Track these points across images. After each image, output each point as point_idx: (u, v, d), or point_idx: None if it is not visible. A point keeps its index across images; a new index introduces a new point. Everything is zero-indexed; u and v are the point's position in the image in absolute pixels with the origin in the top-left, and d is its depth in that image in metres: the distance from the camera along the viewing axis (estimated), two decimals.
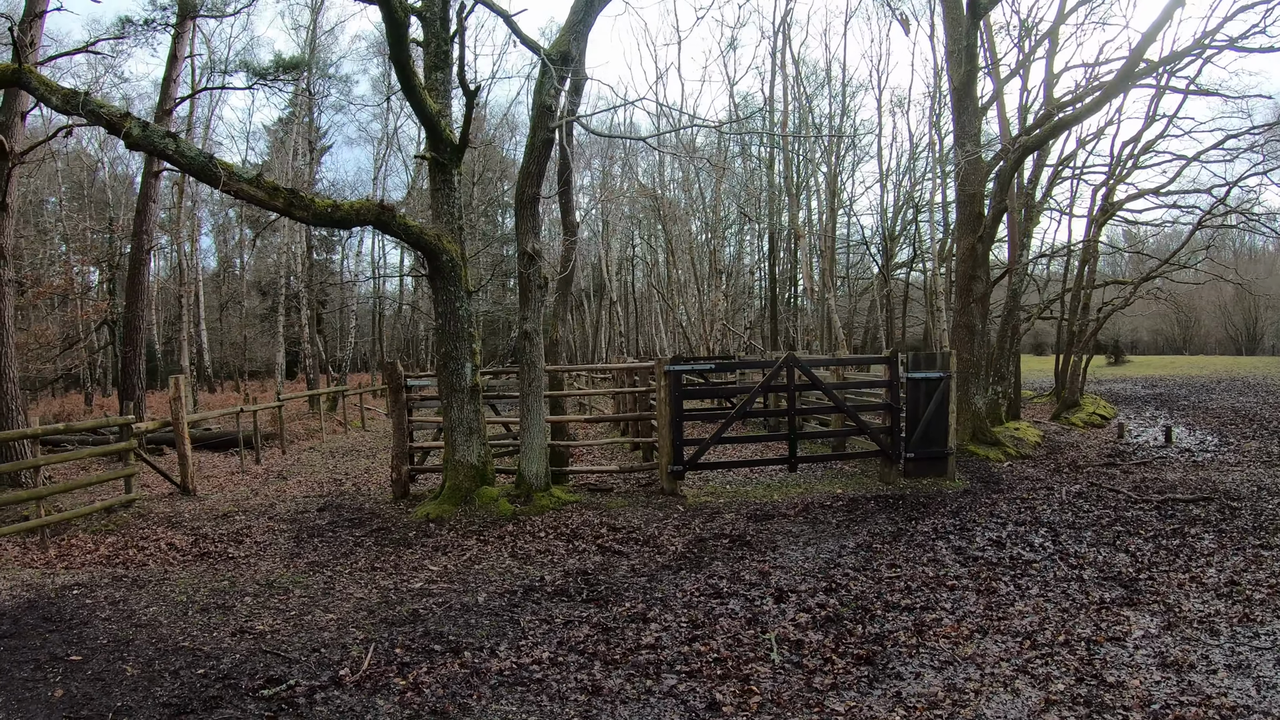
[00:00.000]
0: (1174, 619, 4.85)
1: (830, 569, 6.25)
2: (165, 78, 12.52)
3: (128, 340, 12.53)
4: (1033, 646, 4.48)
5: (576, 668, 4.35)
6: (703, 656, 4.37)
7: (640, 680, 4.12)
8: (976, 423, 12.98)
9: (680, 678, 4.11)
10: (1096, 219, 16.54)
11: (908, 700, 3.79)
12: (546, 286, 8.55)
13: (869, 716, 3.65)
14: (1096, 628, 4.74)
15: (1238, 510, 8.10)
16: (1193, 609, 5.02)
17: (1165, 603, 5.15)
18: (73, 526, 8.58)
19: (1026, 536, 7.28)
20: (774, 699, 3.80)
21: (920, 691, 3.89)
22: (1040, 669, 4.16)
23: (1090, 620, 4.88)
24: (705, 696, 3.84)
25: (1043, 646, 4.47)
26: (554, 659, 4.48)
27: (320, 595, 6.12)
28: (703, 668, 4.21)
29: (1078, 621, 4.87)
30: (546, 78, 7.38)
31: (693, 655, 4.40)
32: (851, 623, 4.88)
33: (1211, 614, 4.91)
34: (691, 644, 4.59)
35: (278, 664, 4.66)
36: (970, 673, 4.13)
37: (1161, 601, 5.18)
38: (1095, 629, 4.72)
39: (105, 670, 4.66)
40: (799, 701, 3.76)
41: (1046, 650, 4.41)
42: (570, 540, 7.65)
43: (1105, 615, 4.97)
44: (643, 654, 4.47)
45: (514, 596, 5.81)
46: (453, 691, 4.12)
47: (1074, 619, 4.93)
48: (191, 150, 6.53)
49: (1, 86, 6.03)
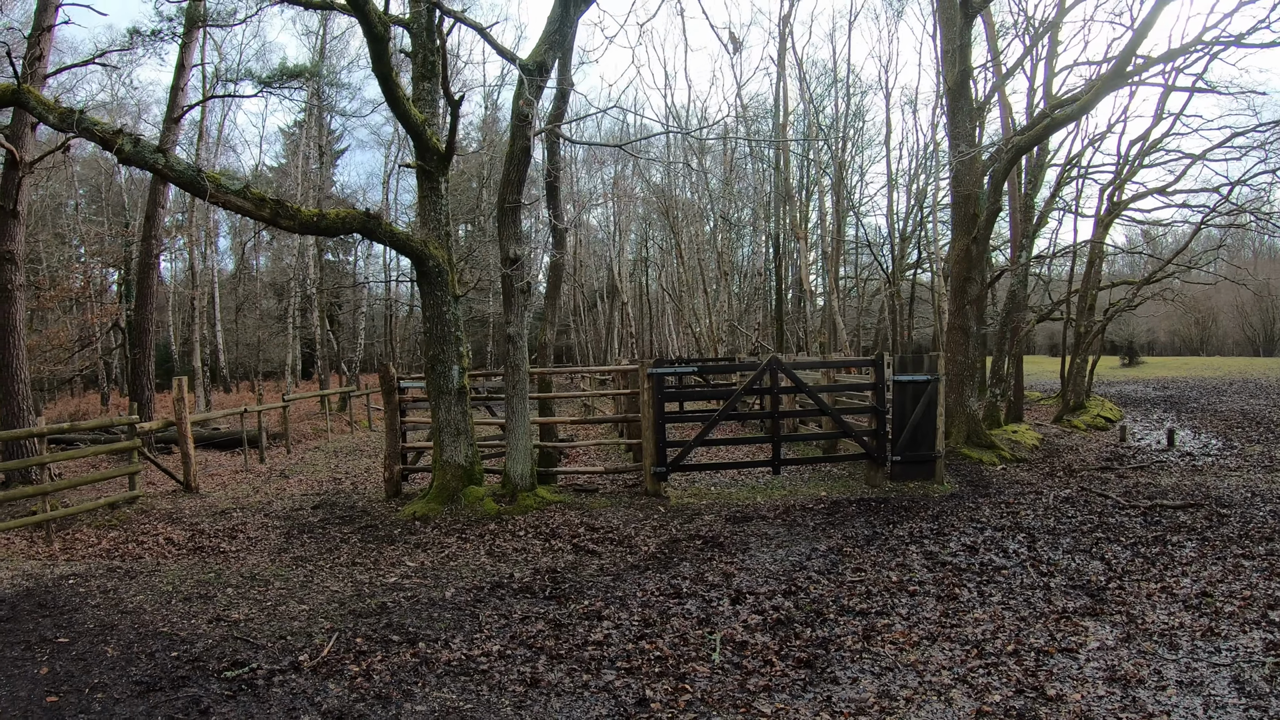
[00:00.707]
0: (1134, 631, 4.79)
1: (794, 572, 6.34)
2: (173, 86, 12.88)
3: (137, 342, 12.94)
4: (979, 655, 4.47)
5: (522, 660, 4.52)
6: (646, 654, 4.50)
7: (580, 675, 4.27)
8: (971, 426, 12.94)
9: (619, 674, 4.25)
10: (1103, 219, 16.35)
11: (836, 705, 3.87)
12: (529, 291, 8.72)
13: (795, 713, 3.76)
14: (1051, 638, 4.71)
15: (1226, 517, 8.02)
16: (1156, 621, 4.96)
17: (1129, 613, 5.09)
18: (78, 521, 8.91)
19: (1002, 542, 7.27)
20: (704, 698, 3.92)
21: (852, 697, 3.96)
22: (981, 679, 4.15)
23: (1046, 630, 4.85)
24: (638, 693, 3.97)
25: (990, 656, 4.46)
26: (503, 652, 4.65)
27: (298, 588, 6.35)
28: (643, 665, 4.35)
29: (1033, 631, 4.85)
30: (523, 87, 7.54)
31: (636, 653, 4.54)
32: (801, 626, 4.97)
33: (1175, 626, 4.85)
34: (638, 642, 4.72)
35: (245, 649, 4.92)
36: (908, 680, 4.16)
37: (1125, 612, 5.12)
38: (1049, 639, 4.70)
39: (88, 651, 4.97)
40: (728, 702, 3.87)
41: (993, 660, 4.40)
42: (548, 539, 7.81)
43: (1063, 625, 4.94)
44: (589, 650, 4.62)
45: (480, 592, 5.99)
46: (400, 678, 4.33)
47: (1030, 628, 4.90)
48: (180, 164, 6.80)
49: (1, 106, 6.29)
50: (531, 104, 7.37)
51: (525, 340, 9.09)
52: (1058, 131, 12.61)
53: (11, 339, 9.42)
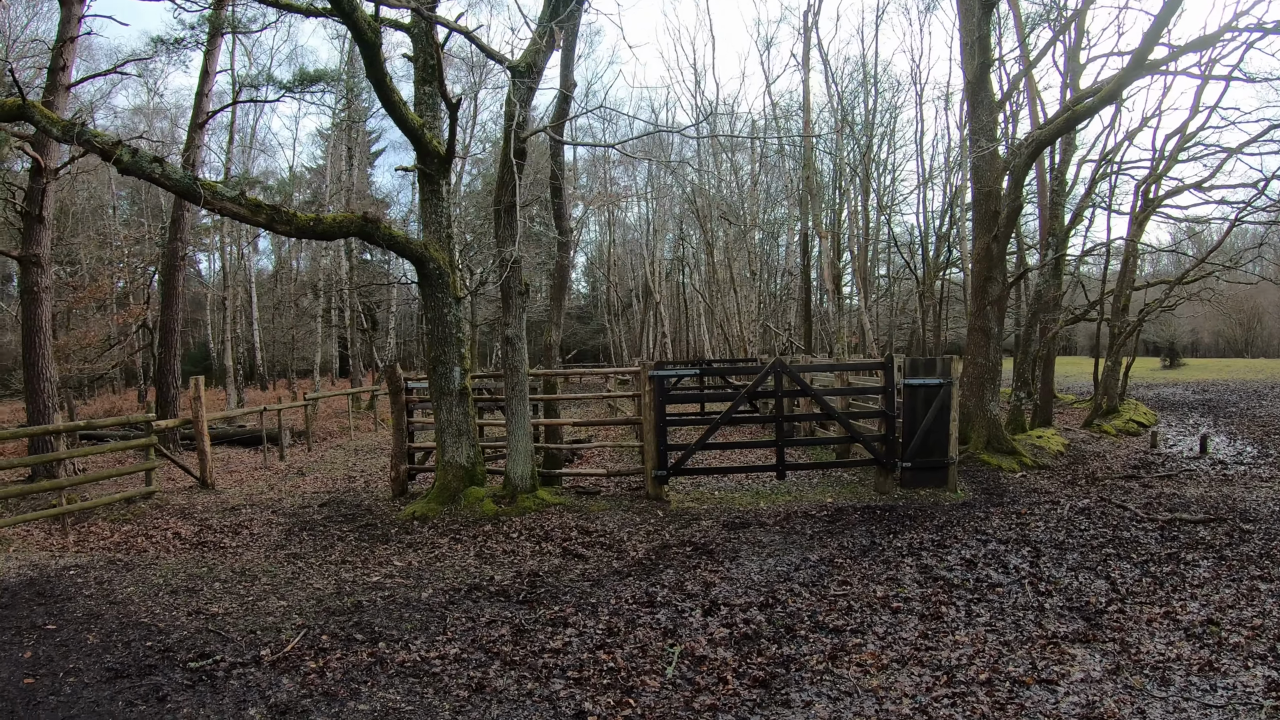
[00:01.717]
0: (1125, 662, 4.45)
1: (778, 583, 6.19)
2: (198, 92, 13.29)
3: (163, 342, 13.39)
4: (948, 683, 4.21)
5: (475, 665, 4.52)
6: (600, 665, 4.44)
7: (528, 682, 4.24)
8: (992, 430, 12.52)
9: (567, 684, 4.20)
10: (1138, 216, 15.67)
11: None
12: (527, 293, 8.72)
13: None
14: (1032, 666, 4.42)
15: (1249, 534, 7.51)
16: (1152, 651, 4.59)
17: (1124, 641, 4.74)
18: (95, 515, 9.23)
19: (1004, 557, 6.95)
20: (645, 714, 3.83)
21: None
22: (944, 710, 3.89)
23: (1029, 657, 4.54)
24: (578, 705, 3.91)
25: (960, 684, 4.20)
26: (459, 655, 4.67)
27: (283, 584, 6.48)
28: (594, 676, 4.28)
29: (1014, 658, 4.54)
30: (514, 90, 7.53)
31: (590, 663, 4.47)
32: (768, 641, 4.83)
33: (1171, 658, 4.48)
34: (596, 651, 4.66)
35: (215, 642, 5.07)
36: (864, 707, 3.95)
37: (1120, 640, 4.77)
38: (1029, 668, 4.40)
39: (71, 638, 5.21)
40: (669, 719, 3.78)
41: (962, 689, 4.13)
42: (540, 542, 7.80)
43: (1049, 652, 4.61)
44: (544, 657, 4.58)
45: (455, 594, 6.00)
46: (352, 677, 4.40)
47: (1012, 654, 4.59)
48: (176, 173, 6.98)
49: (8, 120, 6.55)
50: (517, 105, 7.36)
51: (524, 342, 9.10)
52: (1080, 124, 12.09)
53: (38, 339, 9.84)
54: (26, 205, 9.85)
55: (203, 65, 13.26)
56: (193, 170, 13.65)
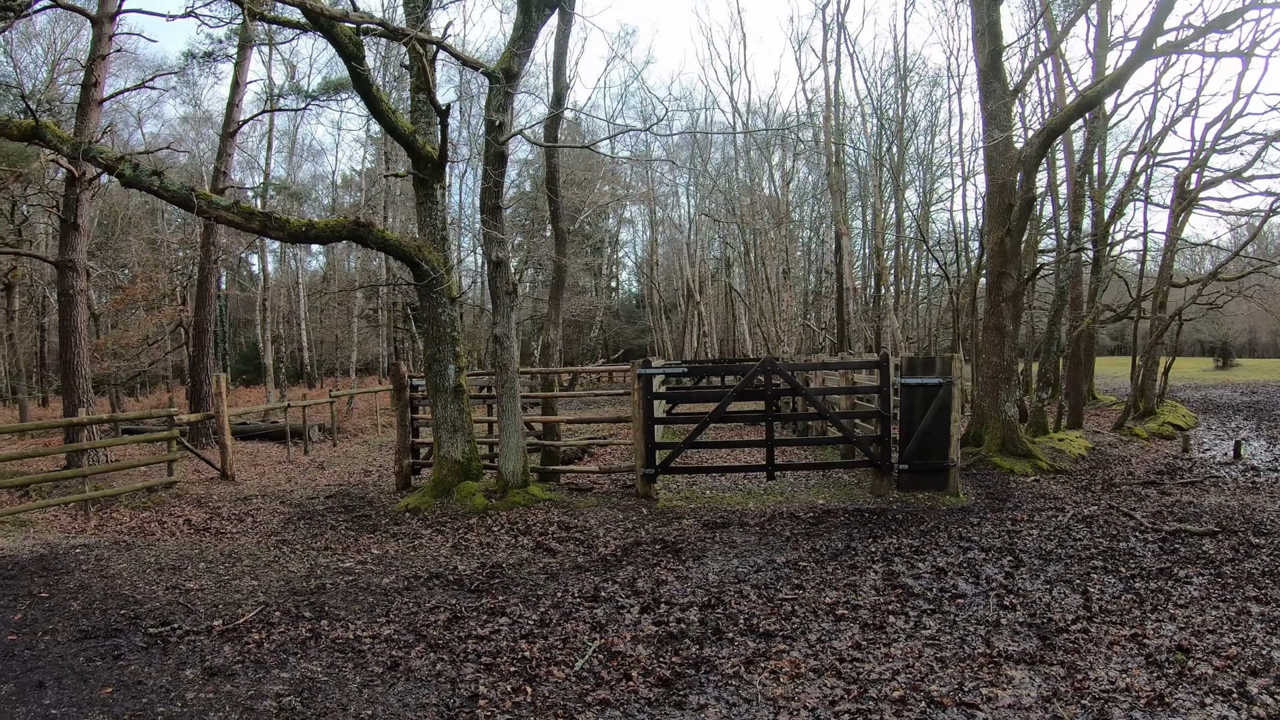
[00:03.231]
0: (1066, 689, 4.09)
1: (731, 584, 6.14)
2: (229, 103, 14.02)
3: (196, 342, 14.19)
4: (857, 698, 4.04)
5: (401, 645, 4.74)
6: (517, 653, 4.56)
7: (442, 664, 4.42)
8: (1007, 432, 12.12)
9: (477, 668, 4.36)
10: (1176, 209, 14.88)
11: None
12: (515, 293, 8.91)
13: None
14: (959, 687, 4.15)
15: (1257, 549, 6.95)
16: (1101, 678, 4.22)
17: (1073, 666, 4.39)
18: (118, 502, 9.88)
19: (980, 566, 6.61)
20: (535, 703, 3.92)
21: None
22: None
23: (960, 676, 4.29)
24: (475, 689, 4.05)
25: (869, 700, 4.02)
26: (390, 636, 4.91)
27: (261, 567, 6.86)
28: (505, 663, 4.41)
29: (943, 676, 4.30)
30: (493, 95, 7.72)
31: (508, 650, 4.61)
32: (692, 642, 4.82)
33: (1119, 689, 4.08)
34: (519, 640, 4.78)
35: (180, 613, 5.53)
36: (757, 715, 3.85)
37: (1071, 664, 4.42)
38: (956, 688, 4.13)
39: (58, 605, 5.77)
40: (556, 711, 3.86)
41: (870, 704, 3.96)
42: (517, 535, 7.98)
43: (985, 672, 4.34)
44: (469, 643, 4.76)
45: (414, 581, 6.24)
46: (285, 649, 4.73)
47: (943, 672, 4.35)
48: (173, 185, 7.43)
49: (23, 140, 7.09)
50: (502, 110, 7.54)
51: (513, 340, 9.30)
52: (1090, 110, 11.52)
53: (74, 339, 10.59)
54: (63, 213, 10.62)
55: (233, 77, 13.98)
56: (225, 176, 14.39)
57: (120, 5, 9.80)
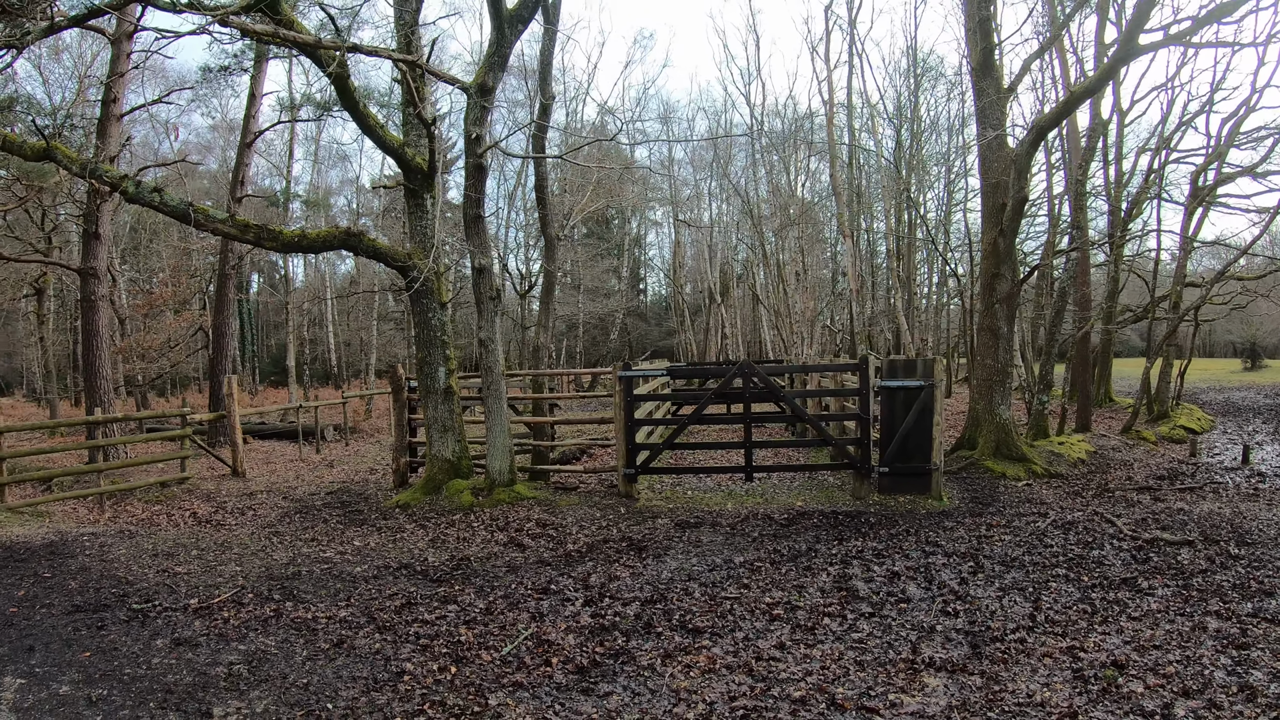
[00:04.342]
0: (980, 700, 4.05)
1: (681, 581, 6.32)
2: (245, 114, 14.69)
3: (215, 345, 14.89)
4: (759, 695, 4.14)
5: (352, 626, 5.13)
6: (453, 637, 4.89)
7: (383, 644, 4.80)
8: (1001, 435, 12.03)
9: (413, 649, 4.72)
10: (1190, 206, 14.55)
11: (558, 714, 3.95)
12: (499, 298, 9.23)
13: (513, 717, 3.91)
14: (867, 691, 4.18)
15: (1235, 560, 6.69)
16: (1018, 690, 4.16)
17: (995, 676, 4.34)
18: (133, 496, 10.49)
19: (937, 571, 6.55)
20: (456, 680, 4.23)
21: (583, 710, 3.99)
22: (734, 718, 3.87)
23: (872, 681, 4.31)
24: (404, 666, 4.42)
25: (769, 698, 4.10)
26: (345, 618, 5.30)
27: (249, 554, 7.32)
28: (440, 645, 4.76)
29: (856, 679, 4.34)
30: (470, 109, 8.04)
31: (446, 634, 4.94)
32: (620, 635, 5.04)
33: (1034, 702, 4.02)
34: (459, 626, 5.10)
35: (164, 592, 6.04)
36: (654, 704, 4.03)
37: (994, 674, 4.36)
38: (862, 692, 4.17)
39: (58, 584, 6.36)
40: (470, 690, 4.15)
41: (769, 702, 4.06)
42: (494, 531, 8.29)
43: (899, 678, 4.36)
44: (414, 626, 5.11)
45: (384, 571, 6.61)
46: (248, 625, 5.20)
47: (856, 675, 4.40)
48: (173, 200, 7.93)
49: (36, 160, 7.67)
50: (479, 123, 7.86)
51: (498, 344, 9.62)
52: (1078, 106, 11.37)
53: (95, 342, 11.27)
54: (85, 224, 11.30)
55: (250, 89, 14.63)
56: (243, 186, 15.06)
57: (137, 24, 10.38)
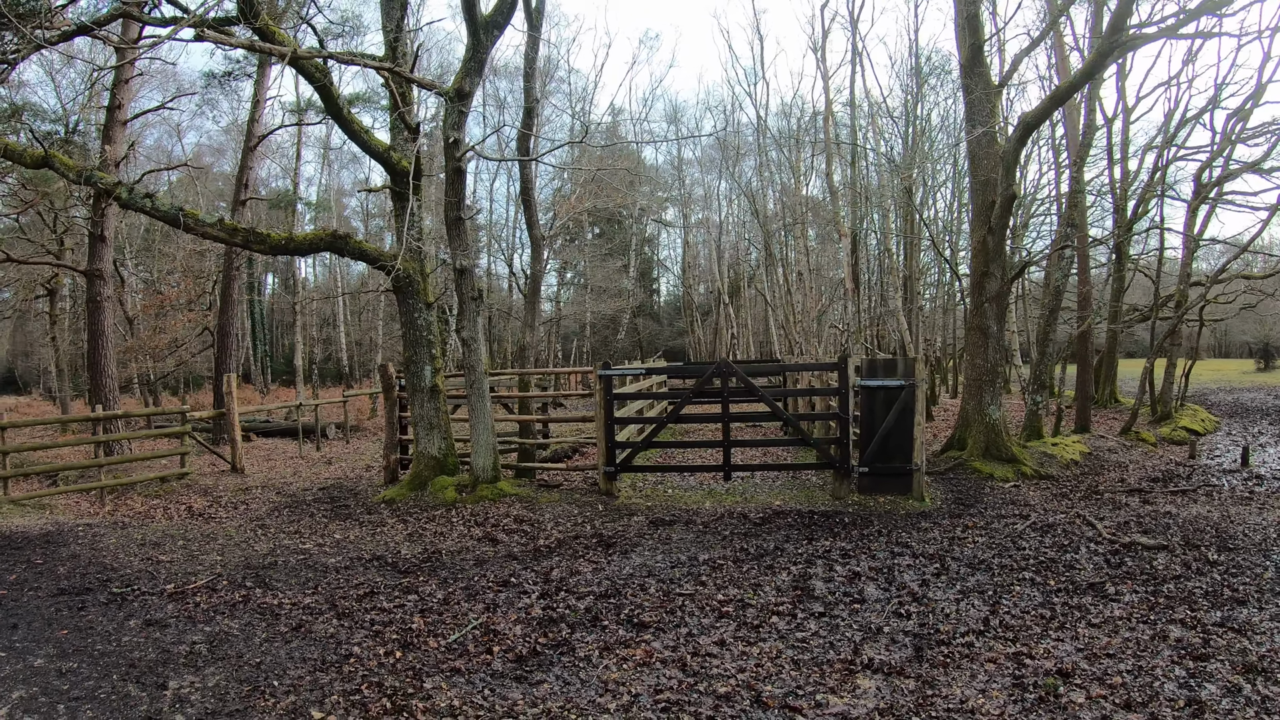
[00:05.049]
0: (909, 704, 4.01)
1: (638, 578, 6.39)
2: (249, 119, 15.08)
3: (220, 345, 15.29)
4: (685, 689, 4.21)
5: (313, 612, 5.39)
6: (406, 624, 5.13)
7: (340, 630, 5.05)
8: (991, 436, 11.96)
9: (366, 634, 4.96)
10: (1192, 204, 14.33)
11: (486, 699, 4.09)
12: (480, 298, 9.40)
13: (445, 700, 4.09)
14: (793, 691, 4.18)
15: (1212, 566, 6.53)
16: (954, 696, 4.10)
17: (933, 680, 4.30)
18: (134, 490, 10.84)
19: (900, 573, 6.47)
20: (398, 664, 4.45)
21: (511, 697, 4.13)
22: (644, 712, 3.97)
23: (803, 680, 4.33)
24: (351, 649, 4.65)
25: (695, 692, 4.17)
26: (309, 605, 5.55)
27: (232, 545, 7.61)
28: (392, 632, 4.98)
29: (787, 678, 4.36)
30: (448, 114, 8.23)
31: (400, 622, 5.17)
32: (566, 627, 5.16)
33: (965, 709, 3.97)
34: (414, 614, 5.32)
35: (144, 579, 6.36)
36: (582, 694, 4.14)
37: (931, 679, 4.32)
38: (790, 691, 4.18)
39: (48, 568, 6.74)
40: (409, 673, 4.34)
41: (694, 696, 4.14)
42: (471, 526, 8.47)
43: (833, 679, 4.34)
44: (371, 613, 5.35)
45: (356, 562, 6.84)
46: (215, 609, 5.50)
47: (789, 674, 4.42)
48: (165, 205, 8.22)
49: (35, 168, 8.00)
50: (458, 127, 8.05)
51: (480, 343, 9.80)
52: (1063, 103, 11.25)
53: (100, 342, 11.66)
54: (91, 227, 11.71)
55: (253, 94, 15.01)
56: (248, 189, 15.44)
57: (141, 32, 10.72)
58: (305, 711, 3.98)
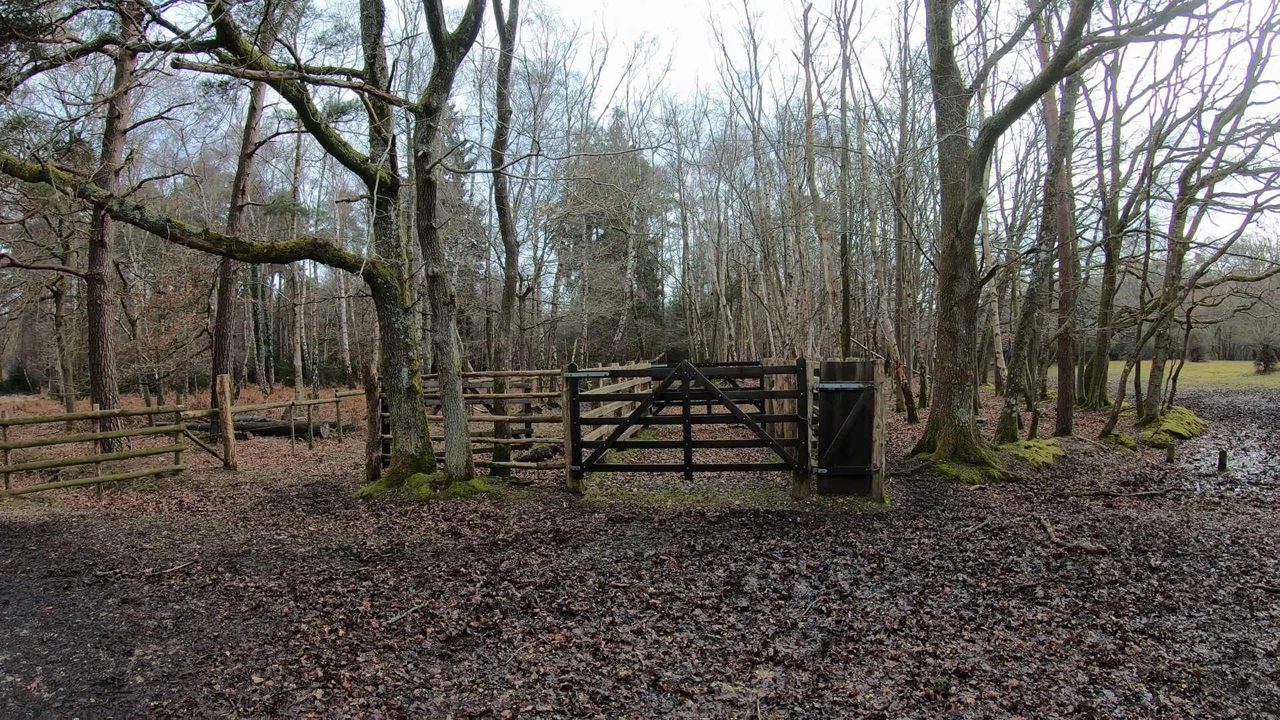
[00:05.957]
0: (798, 694, 4.17)
1: (580, 570, 6.70)
2: (246, 126, 15.62)
3: (217, 346, 15.85)
4: (590, 672, 4.46)
5: (274, 594, 5.88)
6: (353, 607, 5.61)
7: (295, 610, 5.53)
8: (960, 439, 12.16)
9: (318, 614, 5.44)
10: (1178, 205, 14.42)
11: (411, 673, 4.48)
12: (453, 303, 9.80)
13: (371, 671, 4.51)
14: (689, 677, 4.40)
15: (1154, 572, 6.58)
16: (842, 690, 4.23)
17: (829, 674, 4.43)
18: (129, 485, 11.36)
19: (834, 571, 6.62)
20: (340, 641, 4.94)
21: (432, 672, 4.51)
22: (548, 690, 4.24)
23: (704, 667, 4.53)
24: (299, 625, 5.16)
25: (599, 675, 4.41)
26: (271, 588, 6.06)
27: (213, 536, 8.09)
28: (340, 614, 5.44)
29: (688, 665, 4.57)
30: (417, 129, 8.63)
31: (349, 605, 5.63)
32: (500, 613, 5.53)
33: (851, 704, 4.07)
34: (364, 599, 5.78)
35: (126, 564, 6.90)
36: (496, 673, 4.49)
37: (827, 673, 4.44)
38: (685, 678, 4.39)
39: (39, 554, 7.29)
40: (349, 647, 4.87)
41: (595, 679, 4.36)
42: (439, 521, 8.86)
43: (735, 668, 4.53)
44: (326, 596, 5.84)
45: (324, 551, 7.31)
46: (186, 591, 6.03)
47: (691, 661, 4.62)
48: (153, 216, 8.70)
49: (33, 180, 8.50)
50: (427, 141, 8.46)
51: (453, 346, 10.19)
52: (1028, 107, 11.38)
53: (101, 343, 12.21)
54: (91, 232, 12.26)
55: (250, 102, 15.55)
56: (245, 195, 15.98)
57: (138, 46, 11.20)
58: (248, 677, 4.51)
